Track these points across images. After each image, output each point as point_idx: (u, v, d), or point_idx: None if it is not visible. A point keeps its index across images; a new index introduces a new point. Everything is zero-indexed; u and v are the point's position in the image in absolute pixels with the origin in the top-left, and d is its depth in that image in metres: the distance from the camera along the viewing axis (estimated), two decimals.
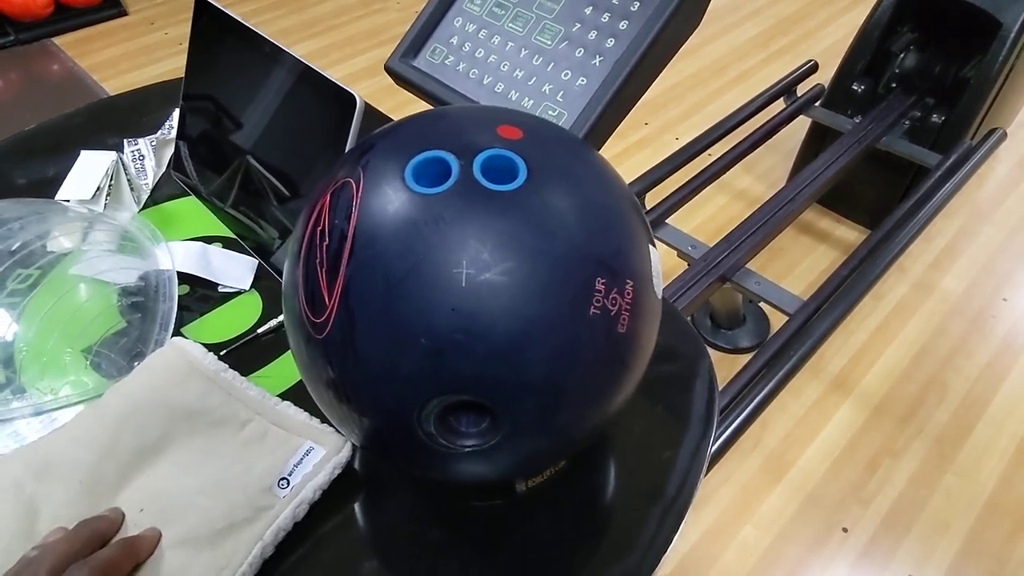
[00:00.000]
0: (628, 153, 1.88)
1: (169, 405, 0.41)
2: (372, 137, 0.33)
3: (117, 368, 0.44)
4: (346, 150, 0.46)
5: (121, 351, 0.45)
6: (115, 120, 0.68)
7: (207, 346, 0.45)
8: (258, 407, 0.42)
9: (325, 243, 0.30)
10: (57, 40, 2.34)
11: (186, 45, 0.57)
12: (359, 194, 0.30)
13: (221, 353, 0.47)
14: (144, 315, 0.47)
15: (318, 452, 0.40)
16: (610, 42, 0.55)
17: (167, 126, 0.65)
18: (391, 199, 0.29)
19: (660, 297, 0.34)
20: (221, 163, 0.57)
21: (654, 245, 0.34)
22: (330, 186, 0.31)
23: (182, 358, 0.43)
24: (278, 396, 0.44)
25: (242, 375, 0.44)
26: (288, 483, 0.39)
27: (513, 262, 0.28)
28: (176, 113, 0.61)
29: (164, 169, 0.62)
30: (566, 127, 0.55)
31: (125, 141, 0.62)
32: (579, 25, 0.57)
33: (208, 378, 0.42)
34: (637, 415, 0.44)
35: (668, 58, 0.56)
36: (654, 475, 0.42)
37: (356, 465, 0.42)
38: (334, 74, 0.47)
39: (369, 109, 0.73)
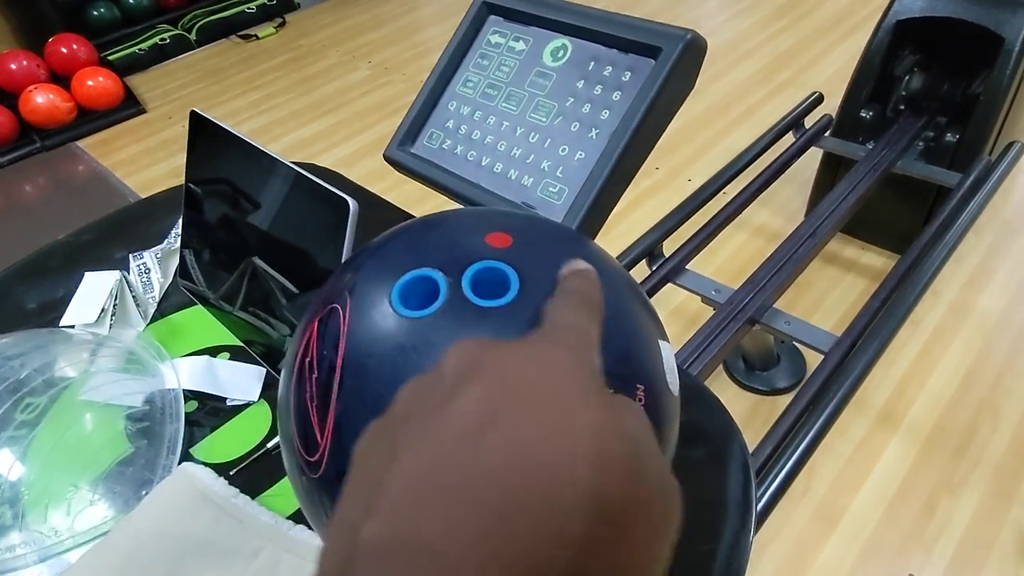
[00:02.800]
0: (641, 199, 1.87)
1: (178, 537, 0.40)
2: (360, 255, 0.32)
3: (125, 500, 0.43)
4: (343, 254, 0.45)
5: (129, 481, 0.44)
6: (123, 233, 0.68)
7: (217, 466, 0.43)
8: (271, 534, 0.40)
9: (314, 376, 0.28)
10: (81, 143, 2.43)
11: None
12: (346, 322, 0.28)
13: (231, 473, 0.46)
14: (151, 440, 0.46)
15: None
16: (605, 114, 0.54)
17: (173, 235, 0.65)
18: (379, 325, 0.28)
19: (676, 394, 0.32)
20: (226, 267, 0.57)
21: (666, 339, 0.32)
22: (317, 313, 0.30)
23: (191, 486, 0.42)
24: (291, 514, 0.42)
25: (253, 494, 0.42)
26: None
27: None
28: (180, 222, 0.61)
29: (171, 279, 0.62)
30: (568, 202, 0.54)
31: (131, 256, 0.62)
32: (572, 100, 0.56)
33: (218, 505, 0.41)
34: None
35: (665, 124, 0.55)
36: (696, 571, 0.39)
37: None
38: (344, 150, 0.46)
39: (374, 199, 0.73)
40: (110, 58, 2.66)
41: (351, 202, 0.44)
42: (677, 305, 1.55)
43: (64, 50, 2.50)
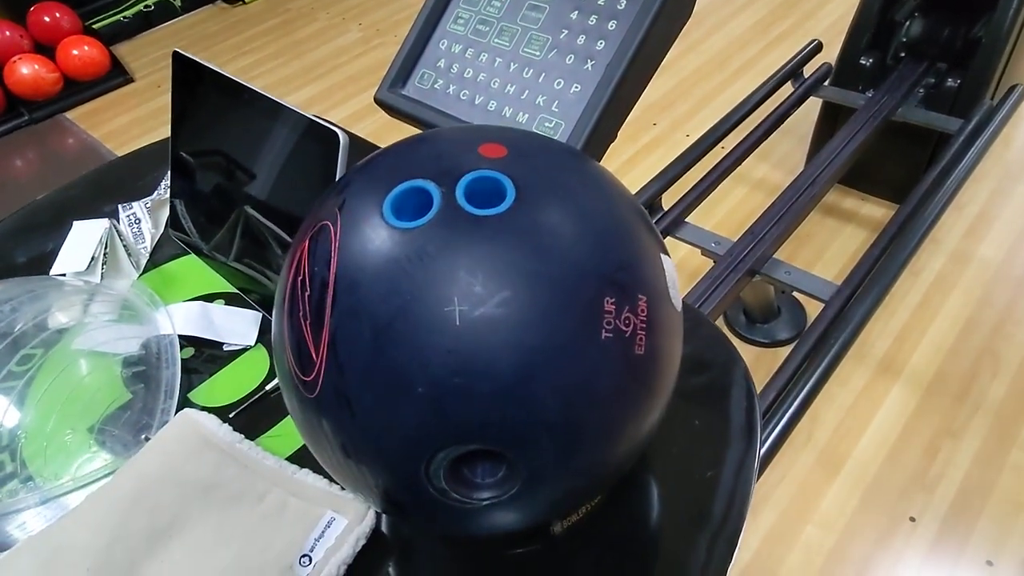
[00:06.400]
0: (640, 156, 1.85)
1: (183, 482, 0.39)
2: (349, 173, 0.31)
3: (123, 444, 0.43)
4: None
5: (126, 426, 0.43)
6: (112, 186, 0.67)
7: (216, 409, 0.43)
8: (276, 478, 0.40)
9: (307, 293, 0.28)
10: (69, 114, 2.39)
11: None
12: (337, 237, 0.27)
13: (231, 416, 0.45)
14: (148, 385, 0.45)
15: (340, 523, 0.38)
16: (600, 44, 0.53)
17: (163, 186, 0.64)
18: (371, 238, 0.27)
19: (680, 309, 0.31)
20: (218, 216, 0.56)
21: (667, 254, 0.31)
22: (308, 231, 0.29)
23: (195, 431, 0.41)
24: (291, 455, 0.41)
25: (254, 436, 0.42)
26: (310, 560, 0.37)
27: (509, 291, 0.25)
28: (169, 172, 0.60)
29: (161, 230, 0.61)
30: (564, 137, 0.53)
31: (120, 206, 0.61)
32: (566, 32, 0.54)
33: (222, 450, 0.40)
34: (673, 434, 0.41)
35: (662, 55, 0.53)
36: (699, 499, 0.39)
37: (384, 528, 0.39)
38: (338, 115, 0.45)
39: (364, 144, 0.71)
40: (95, 27, 2.61)
41: (341, 133, 0.42)
42: (678, 260, 1.53)
43: (47, 19, 2.45)
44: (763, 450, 0.90)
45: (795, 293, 1.37)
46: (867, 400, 1.28)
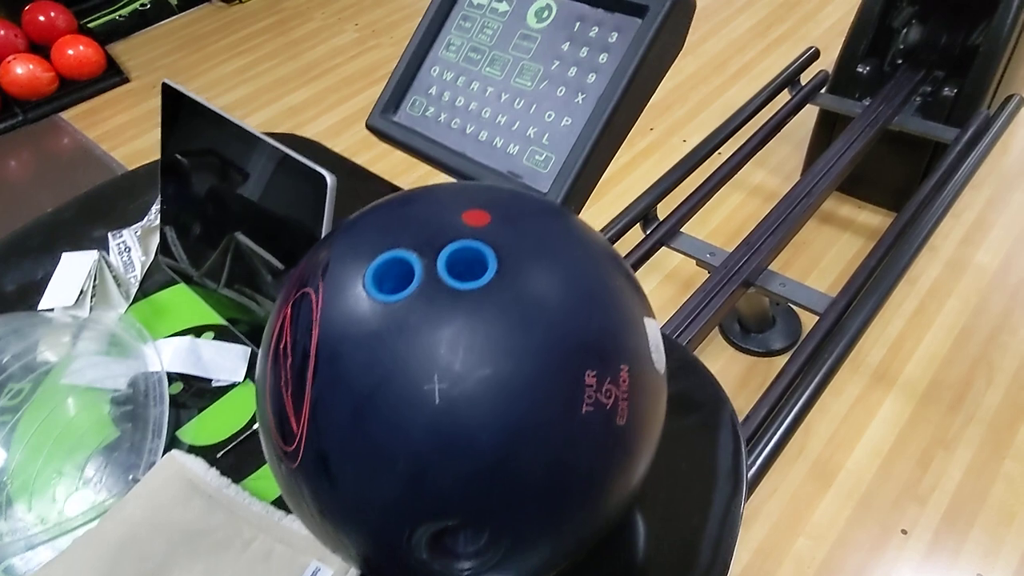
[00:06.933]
0: (636, 161, 1.85)
1: (170, 528, 0.39)
2: (333, 234, 0.31)
3: (110, 486, 0.43)
4: (322, 229, 0.43)
5: (114, 466, 0.43)
6: (103, 210, 0.67)
7: (204, 448, 0.43)
8: (262, 524, 0.40)
9: (288, 362, 0.27)
10: (64, 115, 2.38)
11: None
12: (319, 306, 0.27)
13: (219, 455, 0.45)
14: (135, 424, 0.45)
15: (326, 572, 0.38)
16: (591, 77, 0.52)
17: (153, 211, 0.64)
18: (352, 310, 0.27)
19: (663, 371, 0.31)
20: (208, 244, 0.56)
21: (651, 315, 0.31)
22: (291, 296, 0.29)
23: (182, 475, 0.41)
24: (278, 498, 0.41)
25: (241, 478, 0.42)
26: None
27: (489, 368, 0.25)
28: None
29: (152, 257, 0.61)
30: (555, 170, 0.53)
31: (109, 235, 0.61)
32: (558, 63, 0.54)
33: (209, 496, 0.40)
34: (660, 479, 0.41)
35: (655, 86, 0.53)
36: (684, 546, 0.39)
37: None
38: (333, 117, 0.45)
39: (357, 169, 0.71)
40: (89, 25, 2.59)
41: (328, 176, 0.42)
42: (672, 269, 1.54)
43: (42, 18, 2.44)
44: (755, 467, 0.91)
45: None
46: (861, 410, 1.28)
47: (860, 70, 1.50)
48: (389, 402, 0.25)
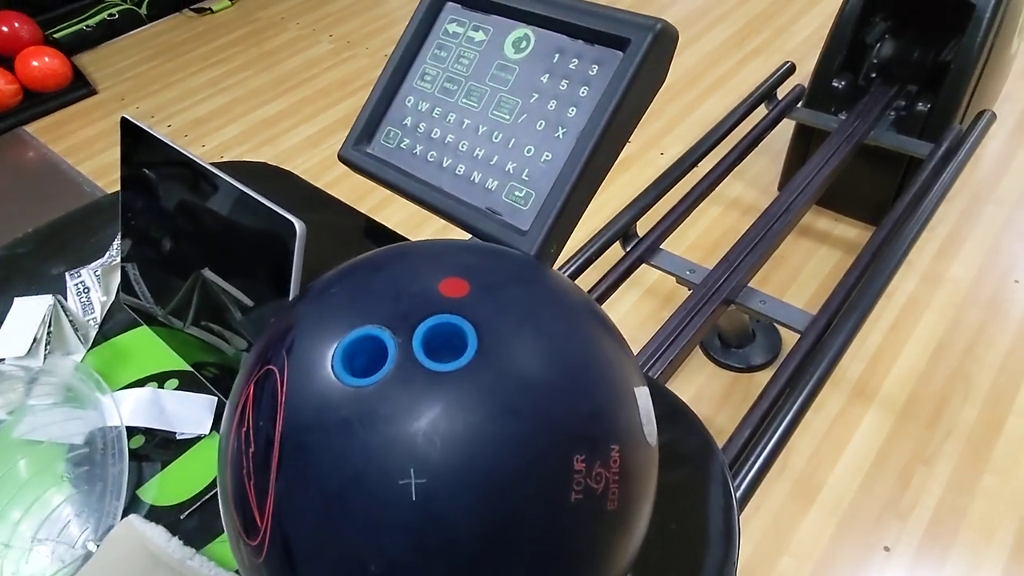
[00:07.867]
0: (614, 175, 1.82)
1: None
2: (300, 302, 0.29)
3: (64, 557, 0.40)
4: (292, 280, 0.41)
5: (69, 533, 0.41)
6: (61, 246, 0.64)
7: (168, 509, 0.40)
8: None
9: (251, 450, 0.25)
10: (29, 128, 2.32)
11: (158, 118, 0.52)
12: (283, 388, 0.25)
13: (182, 517, 0.43)
14: (92, 484, 0.42)
15: None
16: (571, 112, 0.51)
17: (115, 247, 0.61)
18: (320, 394, 0.24)
19: (654, 443, 0.29)
20: (173, 281, 0.53)
21: (643, 383, 0.29)
22: (254, 373, 0.27)
23: (142, 547, 0.39)
24: None
25: (207, 541, 0.40)
26: None
27: (470, 460, 0.23)
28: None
29: (113, 297, 0.58)
30: (536, 207, 0.51)
31: (68, 275, 0.58)
32: (537, 96, 0.52)
33: (172, 569, 0.38)
34: (649, 540, 0.39)
35: (636, 120, 0.52)
36: None
37: None
38: (308, 130, 0.43)
39: (327, 198, 0.69)
40: (56, 36, 2.53)
41: (298, 225, 0.40)
42: (651, 284, 1.53)
43: (6, 29, 2.37)
44: (741, 489, 0.90)
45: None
46: (842, 426, 1.28)
47: (836, 85, 1.51)
48: (361, 500, 0.23)
